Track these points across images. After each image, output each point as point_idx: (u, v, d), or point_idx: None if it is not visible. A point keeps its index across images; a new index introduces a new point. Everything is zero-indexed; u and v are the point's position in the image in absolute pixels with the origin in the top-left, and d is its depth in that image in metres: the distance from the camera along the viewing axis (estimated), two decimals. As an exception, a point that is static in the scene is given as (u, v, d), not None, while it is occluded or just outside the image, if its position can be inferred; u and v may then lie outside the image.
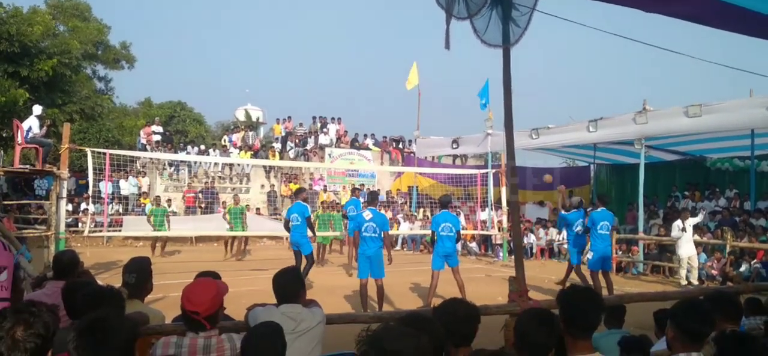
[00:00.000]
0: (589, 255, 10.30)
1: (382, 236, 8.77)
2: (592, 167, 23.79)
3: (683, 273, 13.33)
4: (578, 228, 10.91)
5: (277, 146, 27.59)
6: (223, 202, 22.01)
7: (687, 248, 13.26)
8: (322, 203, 19.67)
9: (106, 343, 2.21)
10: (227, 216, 16.97)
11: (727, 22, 5.21)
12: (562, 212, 11.63)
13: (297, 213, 11.04)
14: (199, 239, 20.42)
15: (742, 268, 13.29)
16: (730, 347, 2.63)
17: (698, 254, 13.61)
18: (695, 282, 13.04)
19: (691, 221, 13.44)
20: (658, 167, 20.50)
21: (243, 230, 16.84)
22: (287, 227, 11.23)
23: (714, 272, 13.70)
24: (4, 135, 20.73)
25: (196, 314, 3.03)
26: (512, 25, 4.82)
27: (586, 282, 10.21)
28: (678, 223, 13.53)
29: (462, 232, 12.04)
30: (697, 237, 13.52)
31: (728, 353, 2.62)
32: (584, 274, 10.76)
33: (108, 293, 3.36)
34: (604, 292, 9.53)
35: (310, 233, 11.23)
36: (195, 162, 23.71)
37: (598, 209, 10.41)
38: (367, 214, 8.76)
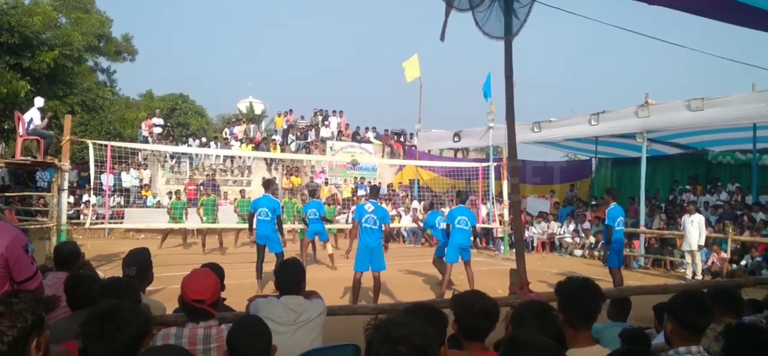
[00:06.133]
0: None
1: (383, 228, 8.75)
2: (593, 160, 23.78)
3: (687, 267, 13.36)
4: (442, 225, 10.65)
5: (279, 138, 27.59)
6: (224, 193, 22.05)
7: (685, 242, 13.33)
8: (328, 198, 19.64)
9: (115, 333, 2.17)
10: (238, 210, 16.76)
11: (729, 15, 5.19)
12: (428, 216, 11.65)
13: (267, 208, 10.45)
14: (200, 230, 20.40)
15: (743, 262, 13.27)
16: (739, 339, 2.58)
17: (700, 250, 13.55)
18: (699, 276, 13.02)
19: (693, 217, 13.38)
20: (659, 160, 20.47)
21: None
22: (252, 221, 10.60)
23: (717, 265, 13.66)
24: (5, 127, 20.76)
25: (202, 302, 3.04)
26: (513, 17, 4.80)
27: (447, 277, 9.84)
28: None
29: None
30: (701, 234, 13.32)
31: (737, 344, 2.58)
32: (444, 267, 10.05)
33: (126, 284, 3.37)
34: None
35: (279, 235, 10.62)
36: (196, 155, 23.72)
37: (612, 205, 9.82)
38: (369, 206, 8.76)
